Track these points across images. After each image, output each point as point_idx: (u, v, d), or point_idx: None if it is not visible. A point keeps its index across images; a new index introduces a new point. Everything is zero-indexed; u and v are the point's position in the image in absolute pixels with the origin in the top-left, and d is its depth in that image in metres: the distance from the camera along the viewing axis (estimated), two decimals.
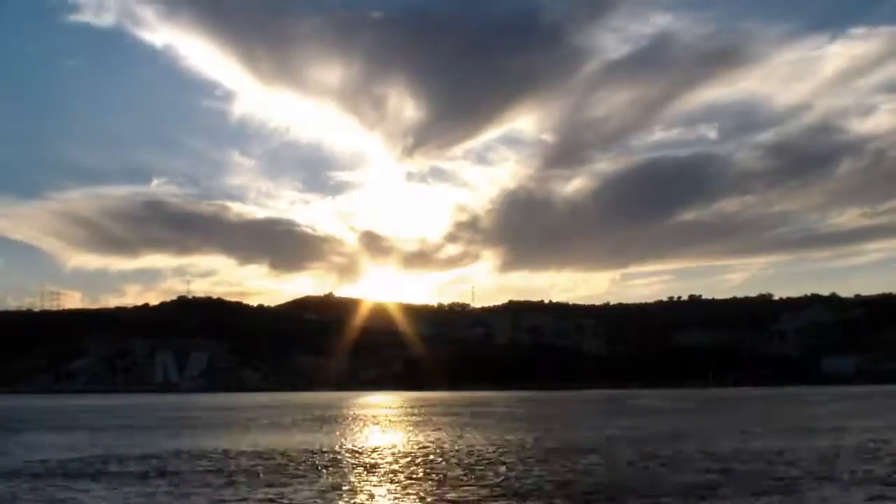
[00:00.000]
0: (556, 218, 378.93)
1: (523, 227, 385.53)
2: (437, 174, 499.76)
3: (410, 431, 42.61)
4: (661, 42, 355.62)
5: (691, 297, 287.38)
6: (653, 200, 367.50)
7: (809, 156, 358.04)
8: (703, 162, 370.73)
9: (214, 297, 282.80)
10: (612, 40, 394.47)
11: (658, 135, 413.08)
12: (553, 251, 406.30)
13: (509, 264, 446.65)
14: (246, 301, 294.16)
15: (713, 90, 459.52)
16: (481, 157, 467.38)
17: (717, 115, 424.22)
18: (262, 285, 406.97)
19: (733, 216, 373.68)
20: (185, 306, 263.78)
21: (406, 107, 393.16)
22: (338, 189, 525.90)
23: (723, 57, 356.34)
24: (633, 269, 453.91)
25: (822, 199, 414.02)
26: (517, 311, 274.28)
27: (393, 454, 29.34)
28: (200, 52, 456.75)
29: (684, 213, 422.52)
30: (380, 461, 26.98)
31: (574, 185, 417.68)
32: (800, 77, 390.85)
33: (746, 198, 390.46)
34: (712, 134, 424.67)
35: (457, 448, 31.46)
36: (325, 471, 24.28)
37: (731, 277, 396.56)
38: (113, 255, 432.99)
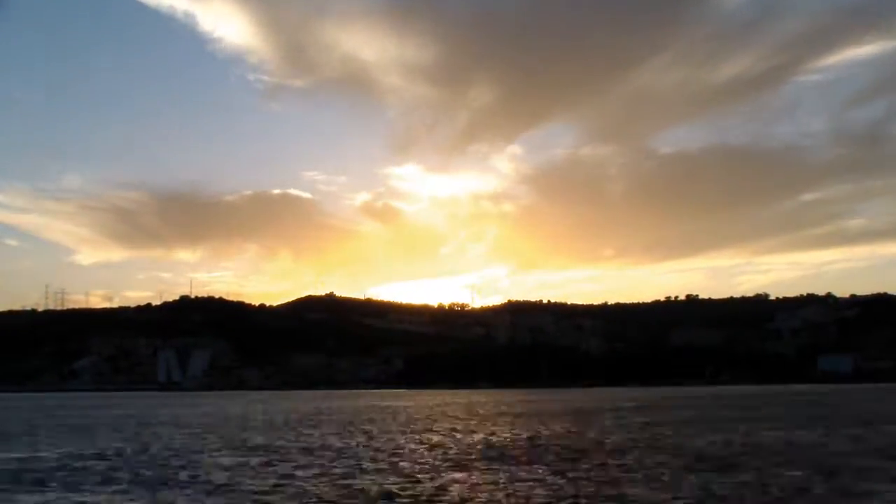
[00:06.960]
0: (584, 213, 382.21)
1: (546, 224, 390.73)
2: (478, 168, 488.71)
3: None
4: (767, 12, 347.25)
5: (688, 296, 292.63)
6: (697, 194, 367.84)
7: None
8: (760, 151, 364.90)
9: (216, 296, 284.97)
10: (708, 12, 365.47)
11: (723, 119, 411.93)
12: (570, 249, 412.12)
13: (530, 264, 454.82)
14: (249, 301, 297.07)
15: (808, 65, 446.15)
16: (529, 151, 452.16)
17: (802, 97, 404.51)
18: (275, 283, 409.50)
19: (799, 209, 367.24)
20: (187, 306, 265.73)
21: (461, 97, 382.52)
22: (375, 183, 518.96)
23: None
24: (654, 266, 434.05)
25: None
26: (516, 311, 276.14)
27: None
28: (232, 28, 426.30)
29: (737, 207, 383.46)
30: None
31: (613, 175, 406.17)
32: None
33: (818, 191, 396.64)
34: (785, 117, 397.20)
35: None
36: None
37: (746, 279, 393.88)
38: (128, 249, 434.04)
